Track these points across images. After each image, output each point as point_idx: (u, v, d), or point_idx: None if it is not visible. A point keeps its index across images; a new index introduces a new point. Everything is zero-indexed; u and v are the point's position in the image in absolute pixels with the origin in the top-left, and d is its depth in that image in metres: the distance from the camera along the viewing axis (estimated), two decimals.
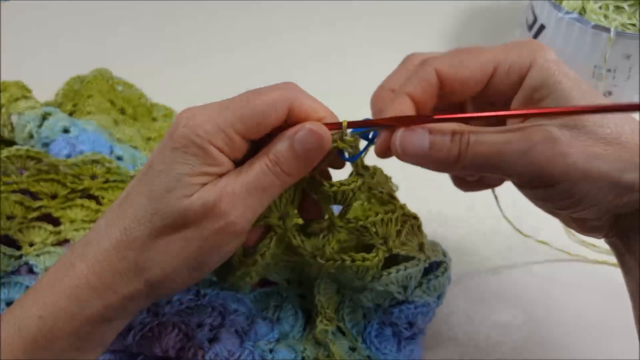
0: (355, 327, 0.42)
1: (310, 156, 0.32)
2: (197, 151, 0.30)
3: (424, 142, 0.31)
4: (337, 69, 0.72)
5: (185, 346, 0.36)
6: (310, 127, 0.31)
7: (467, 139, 0.30)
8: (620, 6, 0.62)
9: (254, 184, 0.30)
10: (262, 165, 0.31)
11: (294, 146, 0.31)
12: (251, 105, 0.31)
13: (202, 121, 0.30)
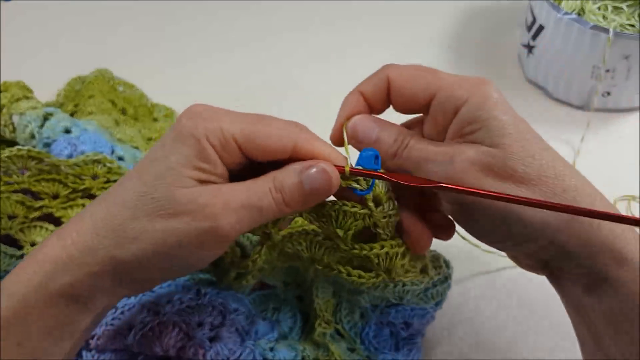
0: (353, 328, 0.42)
1: (315, 195, 0.32)
2: (193, 143, 0.30)
3: (372, 133, 0.34)
4: (337, 69, 0.72)
5: (185, 345, 0.36)
6: (324, 167, 0.31)
7: (407, 142, 0.33)
8: (619, 7, 0.62)
9: (252, 201, 0.30)
10: (265, 187, 0.31)
11: (302, 181, 0.31)
12: (258, 126, 0.31)
13: (206, 117, 0.31)
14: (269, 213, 0.31)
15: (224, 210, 0.29)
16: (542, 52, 0.64)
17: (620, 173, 0.58)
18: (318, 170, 0.31)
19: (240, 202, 0.30)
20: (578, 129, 0.61)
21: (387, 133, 0.34)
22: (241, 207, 0.30)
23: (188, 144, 0.30)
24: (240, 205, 0.30)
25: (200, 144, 0.30)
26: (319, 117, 0.65)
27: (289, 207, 0.31)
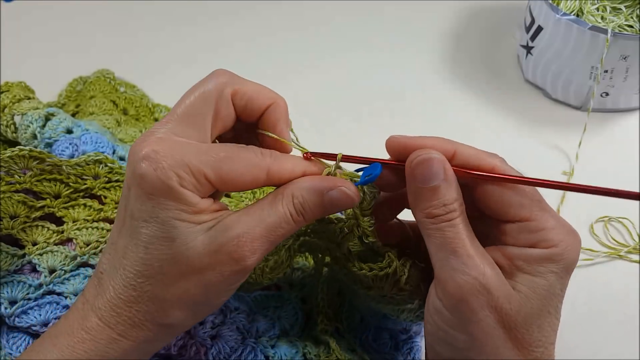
0: (353, 330, 0.43)
1: (334, 212, 0.32)
2: (173, 196, 0.28)
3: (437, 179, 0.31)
4: (336, 68, 0.72)
5: (187, 344, 0.36)
6: (345, 190, 0.31)
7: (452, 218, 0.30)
8: (618, 7, 0.63)
9: (276, 231, 0.30)
10: (286, 213, 0.30)
11: (324, 202, 0.31)
12: (226, 161, 0.30)
13: (167, 156, 0.29)
14: (288, 233, 0.31)
15: (252, 249, 0.29)
16: (540, 52, 0.64)
17: (619, 173, 0.59)
18: (339, 193, 0.31)
19: (265, 236, 0.29)
20: (576, 129, 0.61)
21: (451, 190, 0.30)
22: (266, 240, 0.29)
23: (171, 198, 0.28)
24: (266, 239, 0.29)
25: (180, 196, 0.28)
26: (319, 116, 0.66)
27: (306, 220, 0.31)
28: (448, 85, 0.69)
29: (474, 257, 0.29)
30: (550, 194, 0.57)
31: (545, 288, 0.29)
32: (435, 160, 0.30)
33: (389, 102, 0.67)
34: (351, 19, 0.80)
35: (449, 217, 0.30)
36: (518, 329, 0.29)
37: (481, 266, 0.29)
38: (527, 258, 0.30)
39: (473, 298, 0.28)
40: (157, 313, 0.30)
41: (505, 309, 0.29)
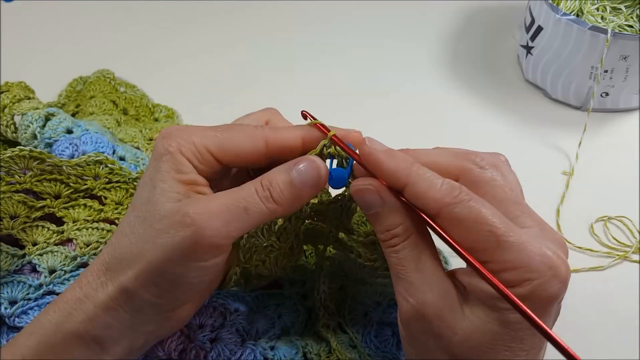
0: (355, 326, 0.43)
1: (305, 190, 0.31)
2: (169, 159, 0.31)
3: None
4: (336, 68, 0.72)
5: (187, 348, 0.36)
6: (312, 159, 0.31)
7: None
8: (618, 7, 0.63)
9: (236, 202, 0.30)
10: (251, 187, 0.30)
11: (292, 177, 0.31)
12: (228, 133, 0.32)
13: (178, 135, 0.31)
14: (256, 213, 0.30)
15: (205, 216, 0.29)
16: (540, 52, 0.64)
17: (619, 173, 0.59)
18: (306, 164, 0.31)
19: (222, 206, 0.30)
20: (576, 129, 0.61)
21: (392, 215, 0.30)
22: (225, 211, 0.29)
23: (164, 160, 0.31)
24: (224, 209, 0.29)
25: (175, 158, 0.31)
26: (318, 116, 0.65)
27: (280, 206, 0.31)
28: (448, 85, 0.69)
29: (413, 283, 0.29)
30: (550, 194, 0.57)
31: (503, 322, 0.27)
32: (368, 192, 0.30)
33: (388, 102, 0.67)
34: (351, 19, 0.80)
35: (392, 243, 0.30)
36: (466, 358, 0.28)
37: (421, 293, 0.28)
38: (486, 293, 0.27)
39: (412, 323, 0.29)
40: (117, 273, 0.30)
41: (448, 337, 0.28)
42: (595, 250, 0.52)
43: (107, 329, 0.30)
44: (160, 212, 0.29)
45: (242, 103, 0.67)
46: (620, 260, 0.51)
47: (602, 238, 0.53)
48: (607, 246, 0.52)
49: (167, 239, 0.29)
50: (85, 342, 0.30)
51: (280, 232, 0.36)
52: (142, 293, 0.30)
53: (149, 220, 0.30)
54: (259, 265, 0.38)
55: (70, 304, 0.30)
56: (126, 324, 0.31)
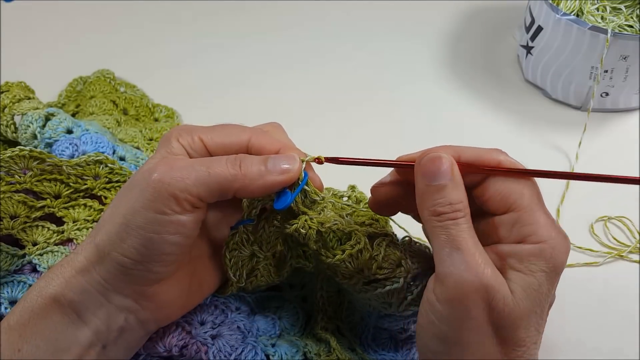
0: (353, 329, 0.43)
1: (273, 174, 0.33)
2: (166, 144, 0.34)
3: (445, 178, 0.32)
4: (337, 68, 0.72)
5: (188, 344, 0.36)
6: (292, 153, 0.34)
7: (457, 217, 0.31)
8: (618, 7, 0.63)
9: (202, 161, 0.32)
10: (223, 157, 0.33)
11: (266, 159, 0.33)
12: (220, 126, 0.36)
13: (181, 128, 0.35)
14: (219, 175, 0.31)
15: (168, 167, 0.31)
16: (540, 52, 0.64)
17: (619, 173, 0.59)
18: (284, 155, 0.33)
19: (187, 162, 0.32)
20: (576, 129, 0.61)
21: (457, 191, 0.31)
22: (188, 166, 0.31)
23: (162, 147, 0.34)
24: (188, 165, 0.31)
25: (171, 143, 0.33)
26: (318, 116, 0.66)
27: (245, 177, 0.32)
28: (448, 85, 0.69)
29: (476, 255, 0.30)
30: (551, 193, 0.57)
31: (535, 288, 0.30)
32: (445, 159, 0.31)
33: (388, 102, 0.67)
34: (351, 19, 0.80)
35: (454, 216, 0.31)
36: (506, 328, 0.30)
37: (482, 265, 0.29)
38: (518, 255, 0.30)
39: (471, 295, 0.29)
40: (94, 236, 0.32)
41: (499, 308, 0.29)
42: (595, 250, 0.52)
43: (82, 294, 0.31)
44: (137, 176, 0.32)
45: (242, 103, 0.67)
46: (617, 258, 0.51)
47: (602, 238, 0.53)
48: (607, 246, 0.52)
49: (133, 191, 0.31)
50: (62, 307, 0.31)
51: (259, 241, 0.37)
52: (109, 249, 0.31)
53: (130, 187, 0.32)
54: (253, 280, 0.38)
55: (54, 270, 0.32)
56: (100, 290, 0.31)
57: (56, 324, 0.31)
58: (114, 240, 0.31)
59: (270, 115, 0.65)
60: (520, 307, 0.30)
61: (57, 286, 0.31)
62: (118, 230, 0.31)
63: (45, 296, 0.31)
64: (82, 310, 0.31)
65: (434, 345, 0.31)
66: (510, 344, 0.30)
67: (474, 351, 0.30)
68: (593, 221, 0.54)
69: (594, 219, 0.54)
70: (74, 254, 0.32)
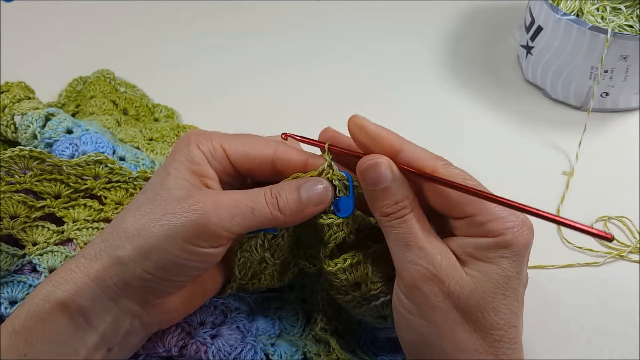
0: (352, 332, 0.43)
1: (310, 206, 0.34)
2: (185, 150, 0.34)
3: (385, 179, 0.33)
4: (336, 69, 0.72)
5: (187, 344, 0.36)
6: (323, 181, 0.34)
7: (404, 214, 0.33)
8: (618, 7, 0.63)
9: (245, 201, 0.32)
10: (261, 192, 0.33)
11: (300, 190, 0.33)
12: (243, 136, 0.36)
13: (198, 133, 0.35)
14: (260, 216, 0.32)
15: (214, 205, 0.31)
16: (540, 52, 0.64)
17: (619, 173, 0.59)
18: (316, 183, 0.34)
19: (232, 200, 0.32)
20: (576, 129, 0.61)
21: (401, 188, 0.33)
22: (233, 205, 0.32)
23: (181, 151, 0.34)
24: (233, 204, 0.32)
25: (190, 150, 0.33)
26: (318, 116, 0.66)
27: (283, 215, 0.33)
28: (448, 85, 0.69)
29: (424, 248, 0.31)
30: (550, 193, 0.57)
31: (497, 272, 0.31)
32: (382, 165, 0.32)
33: (388, 102, 0.67)
34: (351, 19, 0.80)
35: (400, 214, 0.32)
36: (472, 312, 0.31)
37: (431, 256, 0.31)
38: (477, 246, 0.32)
39: (425, 285, 0.31)
40: (115, 245, 0.31)
41: (457, 293, 0.31)
42: (596, 250, 0.52)
43: (93, 300, 0.31)
44: (172, 195, 0.32)
45: (242, 103, 0.67)
46: (617, 258, 0.51)
47: None
48: (607, 246, 0.52)
49: (173, 219, 0.31)
50: (70, 312, 0.31)
51: (273, 248, 0.37)
52: (133, 265, 0.31)
53: (158, 201, 0.32)
54: (256, 282, 0.38)
55: (62, 274, 0.31)
56: (112, 295, 0.31)
57: (64, 328, 0.31)
58: (141, 258, 0.31)
59: (270, 115, 0.66)
60: (480, 290, 0.31)
61: (66, 292, 0.31)
62: (148, 250, 0.31)
63: (52, 301, 0.31)
64: (91, 315, 0.31)
65: (413, 339, 0.33)
66: (484, 329, 0.31)
67: (449, 339, 0.31)
68: (593, 221, 0.54)
69: (594, 219, 0.54)
70: (88, 261, 0.31)
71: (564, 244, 0.53)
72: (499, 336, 0.31)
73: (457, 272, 0.31)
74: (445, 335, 0.31)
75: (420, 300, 0.31)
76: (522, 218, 0.32)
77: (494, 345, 0.31)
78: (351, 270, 0.36)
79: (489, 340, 0.31)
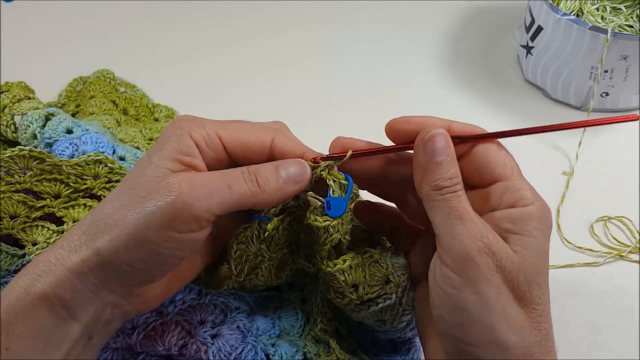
0: (352, 332, 0.43)
1: (288, 185, 0.33)
2: (175, 140, 0.32)
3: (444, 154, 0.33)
4: (336, 68, 0.72)
5: (187, 343, 0.36)
6: (300, 159, 0.34)
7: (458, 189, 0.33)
8: (618, 7, 0.63)
9: (221, 179, 0.31)
10: (237, 170, 0.32)
11: (278, 169, 0.33)
12: (240, 123, 0.34)
13: (190, 120, 0.33)
14: (238, 192, 0.31)
15: (189, 185, 0.30)
16: (540, 52, 0.64)
17: (619, 173, 0.59)
18: (293, 162, 0.34)
19: (207, 179, 0.31)
20: (576, 129, 0.61)
21: (454, 166, 0.33)
22: (209, 183, 0.31)
23: (169, 142, 0.32)
24: (208, 181, 0.31)
25: (181, 140, 0.32)
26: (318, 116, 0.66)
27: (263, 192, 0.32)
28: (448, 85, 0.69)
29: (477, 222, 0.31)
30: (551, 193, 0.57)
31: (535, 245, 0.31)
32: (444, 136, 0.33)
33: (388, 102, 0.67)
34: (351, 19, 0.80)
35: (454, 189, 0.32)
36: (521, 287, 0.31)
37: (485, 230, 0.31)
38: (513, 218, 0.32)
39: (481, 258, 0.30)
40: (94, 237, 0.30)
41: (509, 267, 0.30)
42: (596, 250, 0.52)
43: (75, 293, 0.30)
44: (148, 180, 0.31)
45: (242, 103, 0.67)
46: (617, 258, 0.51)
47: (602, 238, 0.53)
48: (607, 246, 0.52)
49: (149, 204, 0.30)
50: (52, 305, 0.30)
51: (269, 241, 0.37)
52: (113, 258, 0.30)
53: (134, 189, 0.31)
54: (253, 278, 0.38)
55: (41, 266, 0.31)
56: (93, 289, 0.31)
57: (46, 321, 0.30)
58: (120, 250, 0.30)
59: (270, 115, 0.65)
60: (529, 263, 0.31)
61: (46, 285, 0.30)
62: (127, 242, 0.30)
63: (33, 294, 0.30)
64: (73, 307, 0.31)
65: (457, 319, 0.31)
66: (529, 304, 0.31)
67: (499, 315, 0.30)
68: (593, 221, 0.54)
69: (594, 219, 0.54)
70: (67, 252, 0.31)
71: (563, 244, 0.53)
72: (541, 311, 0.31)
73: (506, 247, 0.31)
74: (495, 311, 0.30)
75: (474, 275, 0.30)
76: (544, 200, 0.33)
77: (537, 320, 0.31)
78: (350, 272, 0.36)
79: (533, 315, 0.31)
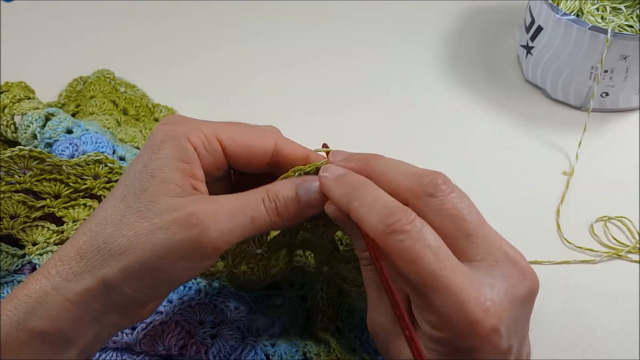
0: (354, 330, 0.43)
1: (309, 208, 0.31)
2: (172, 145, 0.29)
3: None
4: (336, 68, 0.72)
5: (187, 343, 0.36)
6: (316, 179, 0.31)
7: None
8: (618, 7, 0.63)
9: (244, 209, 0.29)
10: (258, 197, 0.30)
11: (299, 193, 0.31)
12: (240, 126, 0.32)
13: (184, 121, 0.31)
14: (261, 223, 0.30)
15: (213, 218, 0.28)
16: (540, 52, 0.64)
17: (618, 173, 0.59)
18: (313, 184, 0.31)
19: (230, 210, 0.29)
20: (576, 129, 0.61)
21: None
22: (231, 216, 0.28)
23: (165, 147, 0.29)
24: (231, 214, 0.28)
25: (179, 144, 0.29)
26: (318, 116, 0.66)
27: (281, 219, 0.30)
28: (448, 85, 0.69)
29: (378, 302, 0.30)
30: (551, 193, 0.57)
31: None
32: (339, 216, 0.31)
33: (388, 102, 0.67)
34: (351, 19, 0.80)
35: (364, 263, 0.31)
36: None
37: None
38: None
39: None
40: (97, 264, 0.27)
41: None
42: (596, 250, 0.52)
43: (75, 322, 0.28)
44: (161, 206, 0.28)
45: (242, 103, 0.67)
46: (614, 258, 0.51)
47: (602, 238, 0.53)
48: (607, 246, 0.52)
49: (167, 235, 0.27)
50: (49, 338, 0.28)
51: (271, 243, 0.37)
52: (123, 287, 0.28)
53: (144, 212, 0.28)
54: (247, 272, 0.38)
55: (35, 297, 0.27)
56: (95, 315, 0.29)
57: (40, 352, 0.28)
58: (129, 279, 0.28)
59: (270, 114, 0.65)
60: None
61: (44, 319, 0.27)
62: (139, 271, 0.28)
63: (28, 330, 0.27)
64: (73, 337, 0.28)
65: None
66: None
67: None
68: (593, 221, 0.54)
69: (594, 219, 0.54)
70: (66, 282, 0.28)
71: (563, 244, 0.53)
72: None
73: None
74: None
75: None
76: (476, 320, 0.26)
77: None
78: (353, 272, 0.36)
79: None
